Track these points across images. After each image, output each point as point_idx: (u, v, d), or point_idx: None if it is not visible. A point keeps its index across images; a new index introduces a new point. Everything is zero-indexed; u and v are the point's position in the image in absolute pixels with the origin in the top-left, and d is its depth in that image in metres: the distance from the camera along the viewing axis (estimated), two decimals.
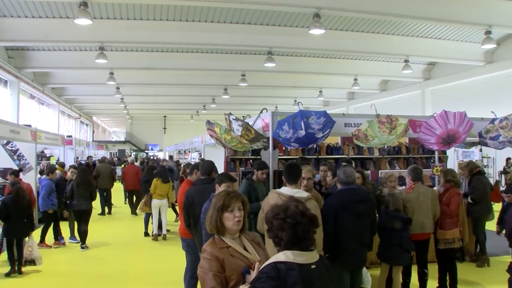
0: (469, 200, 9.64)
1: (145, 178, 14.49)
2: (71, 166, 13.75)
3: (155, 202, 12.90)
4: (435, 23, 18.50)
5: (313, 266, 3.00)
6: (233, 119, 8.70)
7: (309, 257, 3.01)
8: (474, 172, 10.04)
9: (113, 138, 73.12)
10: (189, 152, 27.54)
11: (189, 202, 6.65)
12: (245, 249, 3.56)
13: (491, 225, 10.01)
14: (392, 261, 7.12)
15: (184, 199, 6.80)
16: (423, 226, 7.23)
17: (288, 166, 5.85)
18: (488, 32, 17.25)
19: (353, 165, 10.41)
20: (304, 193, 5.50)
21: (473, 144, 12.78)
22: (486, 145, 10.32)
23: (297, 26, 18.85)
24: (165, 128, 60.65)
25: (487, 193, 9.92)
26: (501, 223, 8.70)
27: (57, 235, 12.24)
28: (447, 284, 7.67)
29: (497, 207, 9.92)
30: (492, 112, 10.30)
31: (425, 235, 7.33)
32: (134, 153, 56.17)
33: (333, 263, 5.83)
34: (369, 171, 12.15)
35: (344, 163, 8.61)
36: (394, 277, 7.24)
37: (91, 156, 24.63)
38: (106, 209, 17.93)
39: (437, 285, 7.78)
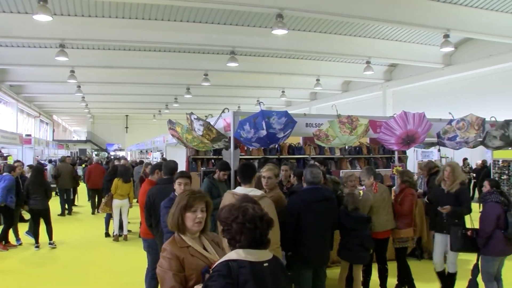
0: (425, 199, 9.79)
1: (108, 177, 14.23)
2: (28, 166, 13.50)
3: (116, 202, 12.73)
4: (396, 26, 18.76)
5: (265, 264, 3.02)
6: (195, 118, 8.66)
7: (261, 255, 3.03)
8: (433, 171, 10.21)
9: (74, 137, 71.99)
10: (151, 151, 27.31)
11: (150, 202, 6.61)
12: (204, 249, 3.57)
13: None
14: (352, 259, 7.20)
15: (145, 199, 6.75)
16: (386, 223, 7.37)
17: (242, 166, 5.86)
18: (446, 36, 17.59)
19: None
20: (258, 192, 5.51)
21: (432, 144, 13.04)
22: (444, 145, 10.53)
23: (260, 26, 18.86)
24: (127, 128, 59.96)
25: None
26: None
27: (16, 235, 12.09)
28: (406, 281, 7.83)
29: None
30: (450, 113, 10.50)
31: (386, 232, 7.48)
32: (96, 152, 55.41)
33: (296, 261, 5.92)
34: (331, 171, 12.25)
35: (315, 163, 8.63)
36: (355, 275, 7.32)
37: (69, 156, 23.81)
38: (66, 210, 17.64)
39: (396, 282, 7.91)
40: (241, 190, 5.49)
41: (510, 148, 11.64)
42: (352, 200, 7.11)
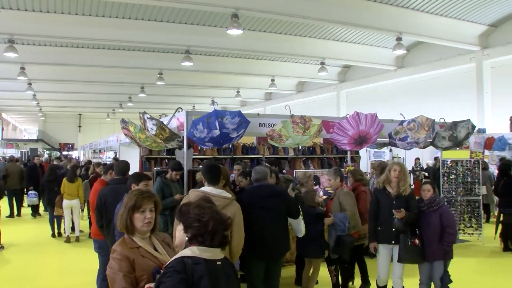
0: None
1: (47, 178, 13.72)
2: None
3: (65, 203, 12.45)
4: (350, 28, 19.04)
5: (218, 263, 3.04)
6: (148, 118, 8.58)
7: (215, 254, 3.05)
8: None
9: (24, 136, 70.28)
10: (104, 151, 26.89)
11: (101, 202, 6.52)
12: (155, 249, 3.53)
13: None
14: (310, 254, 7.28)
15: (96, 200, 6.66)
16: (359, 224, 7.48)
17: (208, 167, 5.81)
18: (399, 39, 18.03)
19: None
20: (228, 194, 5.51)
21: (384, 144, 13.26)
22: (395, 145, 10.73)
23: (216, 25, 18.85)
24: (80, 127, 58.92)
25: None
26: None
27: None
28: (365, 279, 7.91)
29: None
30: (401, 114, 10.71)
31: (356, 233, 7.51)
32: (48, 152, 54.21)
33: (248, 256, 5.96)
34: (284, 170, 12.32)
35: (266, 164, 8.69)
36: (313, 271, 7.40)
37: (37, 156, 22.95)
38: (16, 211, 17.20)
39: (360, 282, 7.99)
40: (210, 190, 5.46)
41: (458, 149, 11.95)
42: (310, 197, 7.25)
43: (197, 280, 2.87)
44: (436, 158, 17.32)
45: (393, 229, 6.53)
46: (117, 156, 18.68)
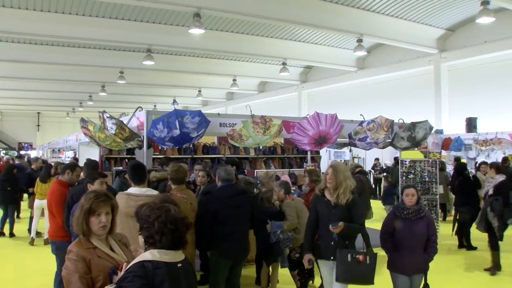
0: None
1: (2, 177, 13.35)
2: None
3: (37, 203, 12.14)
4: (312, 29, 19.18)
5: (179, 265, 3.02)
6: (107, 117, 8.49)
7: (175, 256, 3.03)
8: (356, 171, 10.53)
9: None
10: (64, 151, 26.45)
11: (73, 201, 6.43)
12: (112, 249, 3.50)
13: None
14: (263, 253, 7.30)
15: (67, 198, 6.56)
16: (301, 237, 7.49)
17: (133, 167, 5.79)
18: (360, 40, 18.29)
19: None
20: (154, 192, 5.51)
21: (344, 144, 13.41)
22: (355, 145, 10.86)
23: (178, 24, 18.78)
24: (38, 126, 57.78)
25: (366, 191, 10.50)
26: None
27: None
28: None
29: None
30: (361, 115, 10.84)
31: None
32: (4, 151, 53.00)
33: (216, 255, 6.00)
34: (245, 170, 12.33)
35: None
36: (272, 271, 7.44)
37: (20, 156, 22.09)
38: None
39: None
40: (135, 190, 5.43)
41: (416, 149, 12.17)
42: (268, 197, 7.27)
43: (158, 285, 2.86)
44: (395, 159, 17.59)
45: (332, 243, 5.49)
46: (77, 155, 18.38)
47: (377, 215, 11.78)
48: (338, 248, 5.46)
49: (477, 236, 10.30)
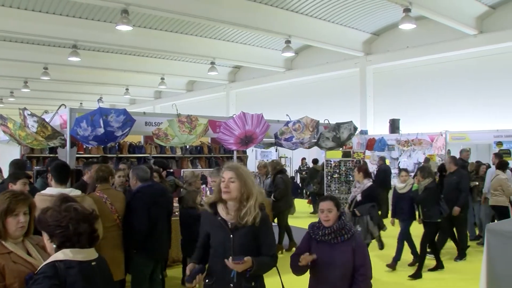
0: (272, 198, 10.27)
1: None
2: None
3: None
4: (241, 29, 19.25)
5: (93, 263, 2.95)
6: (28, 114, 8.22)
7: (89, 254, 2.95)
8: (277, 170, 10.66)
9: None
10: None
11: None
12: (29, 254, 3.35)
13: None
14: (190, 255, 7.30)
15: None
16: None
17: (56, 167, 5.69)
18: (288, 42, 18.54)
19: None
20: (78, 192, 5.44)
21: (270, 144, 13.54)
22: (281, 145, 10.99)
23: (105, 21, 18.39)
24: None
25: (288, 190, 10.70)
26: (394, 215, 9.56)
27: None
28: None
29: None
30: (287, 115, 10.99)
31: None
32: None
33: (141, 255, 5.97)
34: (172, 170, 12.26)
35: (141, 165, 8.63)
36: None
37: None
38: None
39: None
40: (57, 191, 5.33)
41: (341, 149, 12.46)
42: (191, 198, 7.26)
43: (70, 285, 2.77)
44: (315, 160, 17.94)
45: (230, 285, 3.79)
46: None
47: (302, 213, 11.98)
48: None
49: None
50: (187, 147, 13.06)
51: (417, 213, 9.19)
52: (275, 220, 10.86)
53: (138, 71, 26.91)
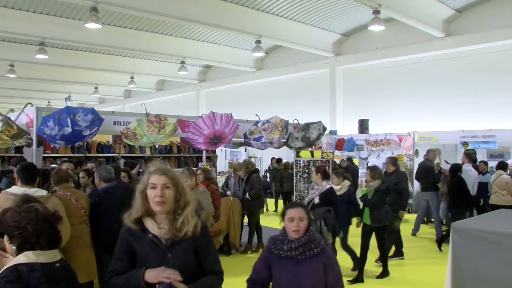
0: (247, 196, 10.24)
1: None
2: None
3: None
4: (211, 28, 19.18)
5: (57, 265, 2.89)
6: None
7: (52, 256, 2.90)
8: (251, 170, 10.68)
9: None
10: None
11: None
12: None
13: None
14: None
15: None
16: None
17: (22, 167, 5.61)
18: (258, 42, 18.59)
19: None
20: (44, 192, 5.36)
21: (240, 144, 13.58)
22: (250, 145, 11.05)
23: (74, 18, 18.11)
24: None
25: (262, 190, 10.77)
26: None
27: None
28: None
29: None
30: (257, 115, 11.03)
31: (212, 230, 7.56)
32: None
33: (110, 255, 5.95)
34: (141, 170, 12.17)
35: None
36: None
37: None
38: None
39: None
40: (23, 190, 5.24)
41: (310, 149, 12.52)
42: None
43: None
44: (278, 159, 17.97)
45: None
46: None
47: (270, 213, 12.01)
48: None
49: None
50: (156, 146, 12.99)
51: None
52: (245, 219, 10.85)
53: (107, 70, 26.64)
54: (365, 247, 8.28)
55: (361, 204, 8.61)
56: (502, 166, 11.25)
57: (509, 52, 16.89)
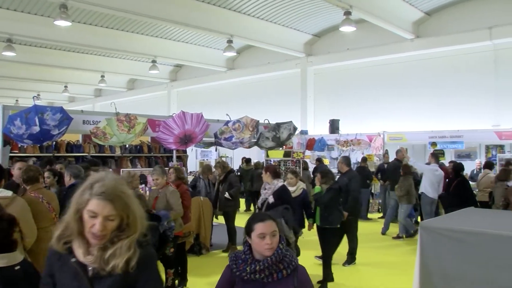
0: (226, 195, 10.13)
1: None
2: None
3: None
4: (182, 27, 19.13)
5: (17, 267, 2.86)
6: None
7: (12, 258, 2.86)
8: (228, 170, 10.65)
9: None
10: None
11: None
12: None
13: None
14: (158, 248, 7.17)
15: None
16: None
17: None
18: (230, 41, 18.58)
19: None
20: (9, 192, 5.27)
21: (210, 144, 13.56)
22: (221, 145, 11.05)
23: (43, 15, 17.84)
24: None
25: (240, 189, 10.79)
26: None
27: None
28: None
29: None
30: (227, 114, 11.03)
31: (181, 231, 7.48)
32: None
33: None
34: (111, 169, 12.05)
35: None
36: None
37: None
38: None
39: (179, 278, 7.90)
40: None
41: (280, 149, 12.58)
42: (144, 203, 7.12)
43: None
44: (247, 160, 17.96)
45: None
46: None
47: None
48: None
49: None
50: (127, 146, 12.87)
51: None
52: (217, 218, 10.79)
53: (77, 68, 26.34)
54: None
55: (313, 203, 8.31)
56: (489, 165, 11.73)
57: (476, 54, 17.23)
